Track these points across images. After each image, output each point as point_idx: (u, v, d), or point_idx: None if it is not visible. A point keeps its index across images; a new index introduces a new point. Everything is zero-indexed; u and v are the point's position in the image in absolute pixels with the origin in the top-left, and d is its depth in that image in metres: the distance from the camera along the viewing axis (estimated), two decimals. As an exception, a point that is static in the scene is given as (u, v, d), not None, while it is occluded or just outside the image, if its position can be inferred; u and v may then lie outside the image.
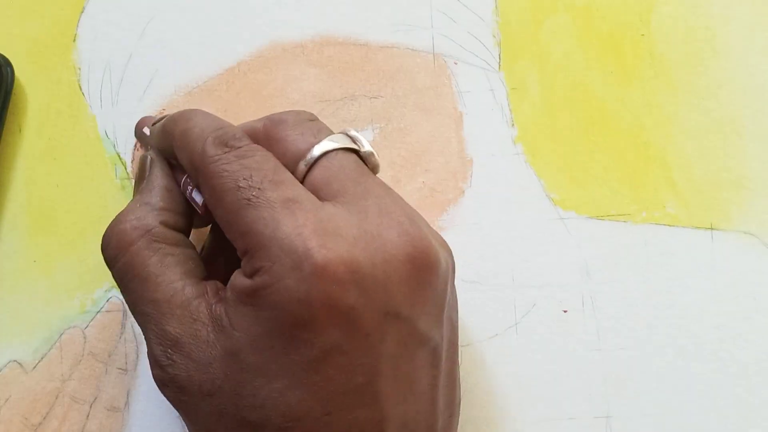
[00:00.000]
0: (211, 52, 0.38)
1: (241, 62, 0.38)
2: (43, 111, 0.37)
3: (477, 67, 0.37)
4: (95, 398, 0.35)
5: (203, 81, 0.37)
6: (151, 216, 0.29)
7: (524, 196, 0.36)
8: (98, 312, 0.36)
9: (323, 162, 0.28)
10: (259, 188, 0.26)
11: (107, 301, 0.36)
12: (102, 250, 0.30)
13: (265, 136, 0.29)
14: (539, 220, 0.36)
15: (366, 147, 0.29)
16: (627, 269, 0.36)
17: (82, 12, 0.38)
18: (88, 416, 0.35)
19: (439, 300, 0.27)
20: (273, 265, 0.25)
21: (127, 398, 0.35)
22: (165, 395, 0.28)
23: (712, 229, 0.36)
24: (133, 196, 0.32)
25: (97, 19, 0.38)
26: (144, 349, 0.36)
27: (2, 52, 0.37)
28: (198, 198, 0.30)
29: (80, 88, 0.38)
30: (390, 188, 0.29)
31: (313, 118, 0.30)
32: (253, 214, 0.26)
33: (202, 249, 0.32)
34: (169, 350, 0.27)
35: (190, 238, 0.31)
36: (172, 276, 0.28)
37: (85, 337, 0.36)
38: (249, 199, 0.26)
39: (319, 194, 0.27)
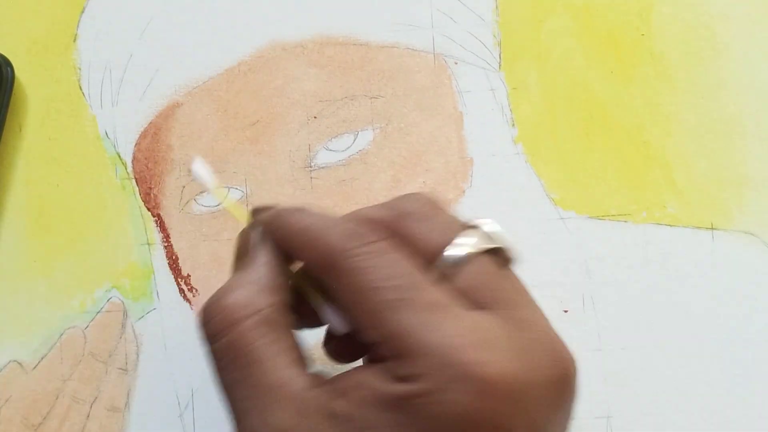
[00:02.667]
0: (211, 52, 0.38)
1: (241, 62, 0.38)
2: (43, 111, 0.37)
3: (477, 67, 0.37)
4: (95, 398, 0.35)
5: (203, 81, 0.37)
6: (262, 296, 0.27)
7: (524, 196, 0.36)
8: (98, 312, 0.36)
9: (467, 266, 0.26)
10: (407, 288, 0.25)
11: (107, 301, 0.36)
12: (201, 325, 0.27)
13: (394, 230, 0.27)
14: (539, 220, 0.36)
15: (503, 242, 0.27)
16: (627, 269, 0.36)
17: (82, 12, 0.38)
18: (88, 416, 0.35)
19: (567, 421, 0.26)
20: (431, 373, 0.24)
21: (127, 398, 0.35)
22: None
23: (712, 228, 0.36)
24: (234, 270, 0.29)
25: (97, 19, 0.38)
26: (144, 349, 0.36)
27: (2, 52, 0.37)
28: (335, 319, 0.28)
29: (80, 88, 0.38)
30: (525, 290, 0.28)
31: (434, 203, 0.28)
32: (403, 318, 0.24)
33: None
34: None
35: None
36: (281, 363, 0.26)
37: (85, 337, 0.36)
38: (399, 300, 0.25)
39: (461, 301, 0.26)
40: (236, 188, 0.37)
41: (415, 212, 0.27)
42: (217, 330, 0.27)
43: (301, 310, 0.29)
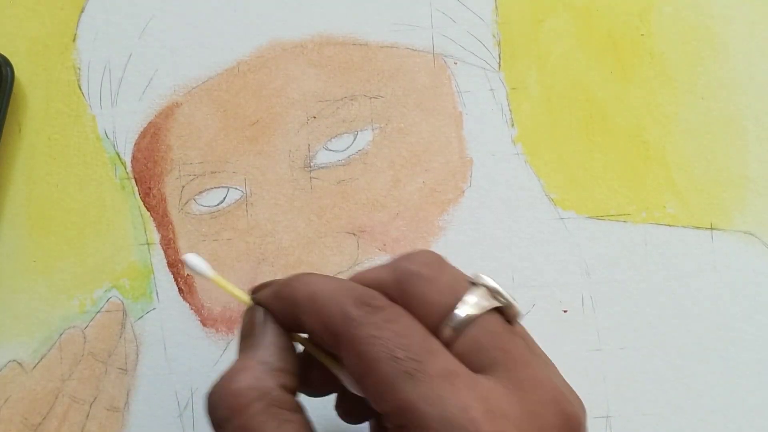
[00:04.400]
0: (211, 52, 0.38)
1: (241, 62, 0.38)
2: (42, 111, 0.37)
3: (477, 67, 0.37)
4: (95, 398, 0.35)
5: (203, 81, 0.37)
6: (270, 377, 0.27)
7: (524, 196, 0.36)
8: (98, 312, 0.36)
9: (469, 329, 0.26)
10: (418, 360, 0.25)
11: (107, 301, 0.36)
12: (209, 410, 0.27)
13: (399, 292, 0.27)
14: (539, 220, 0.36)
15: (507, 299, 0.27)
16: (627, 269, 0.36)
17: (82, 12, 0.38)
18: (87, 416, 0.35)
19: None
20: None
21: (127, 398, 0.35)
22: None
23: (712, 229, 0.36)
24: (239, 351, 0.29)
25: (97, 19, 0.38)
26: (144, 349, 0.36)
27: (2, 52, 0.37)
28: (351, 382, 0.27)
29: (80, 88, 0.38)
30: (531, 345, 0.28)
31: (441, 262, 0.28)
32: (409, 390, 0.24)
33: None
34: None
35: None
36: None
37: (84, 337, 0.36)
38: (409, 373, 0.25)
39: (469, 363, 0.26)
40: (236, 188, 0.37)
41: (419, 272, 0.27)
42: (226, 416, 0.26)
43: (312, 376, 0.29)
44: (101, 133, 0.37)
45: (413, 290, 0.27)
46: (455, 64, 0.37)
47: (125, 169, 0.37)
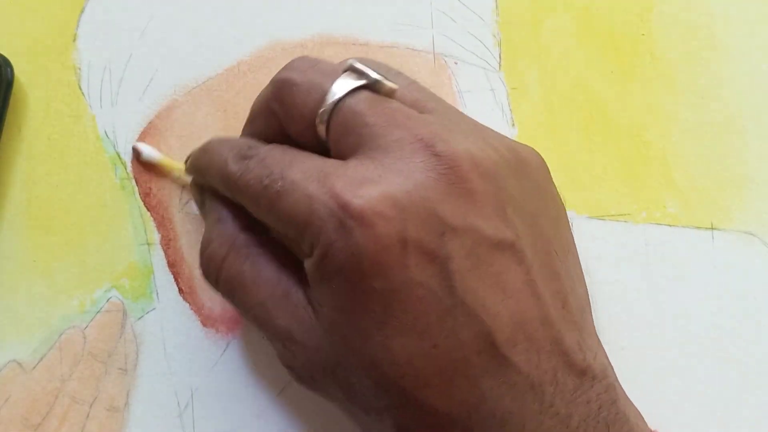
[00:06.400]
0: (211, 52, 0.38)
1: (241, 62, 0.38)
2: (42, 111, 0.37)
3: (477, 67, 0.37)
4: (95, 398, 0.35)
5: (203, 81, 0.37)
6: (230, 227, 0.31)
7: (524, 196, 0.36)
8: (98, 312, 0.36)
9: (335, 117, 0.28)
10: (280, 177, 0.27)
11: (107, 301, 0.36)
12: (205, 279, 0.31)
13: (278, 103, 0.29)
14: (539, 220, 0.36)
15: (372, 77, 0.28)
16: (627, 269, 0.36)
17: (82, 12, 0.38)
18: (87, 416, 0.35)
19: (494, 201, 0.26)
20: (320, 236, 0.25)
21: (127, 398, 0.35)
22: (308, 389, 0.29)
23: (712, 228, 0.36)
24: (205, 222, 0.33)
25: (97, 19, 0.38)
26: (144, 349, 0.36)
27: (2, 52, 0.37)
28: None
29: (80, 88, 0.38)
30: (421, 103, 0.29)
31: (314, 63, 0.29)
32: (286, 201, 0.26)
33: None
34: (286, 343, 0.28)
35: None
36: (268, 274, 0.29)
37: (84, 337, 0.36)
38: (278, 191, 0.27)
39: (342, 151, 0.27)
40: (236, 188, 0.37)
41: (290, 78, 0.29)
42: (214, 276, 0.31)
43: None
44: (101, 133, 0.37)
45: (286, 98, 0.29)
46: (455, 64, 0.37)
47: (125, 169, 0.37)
